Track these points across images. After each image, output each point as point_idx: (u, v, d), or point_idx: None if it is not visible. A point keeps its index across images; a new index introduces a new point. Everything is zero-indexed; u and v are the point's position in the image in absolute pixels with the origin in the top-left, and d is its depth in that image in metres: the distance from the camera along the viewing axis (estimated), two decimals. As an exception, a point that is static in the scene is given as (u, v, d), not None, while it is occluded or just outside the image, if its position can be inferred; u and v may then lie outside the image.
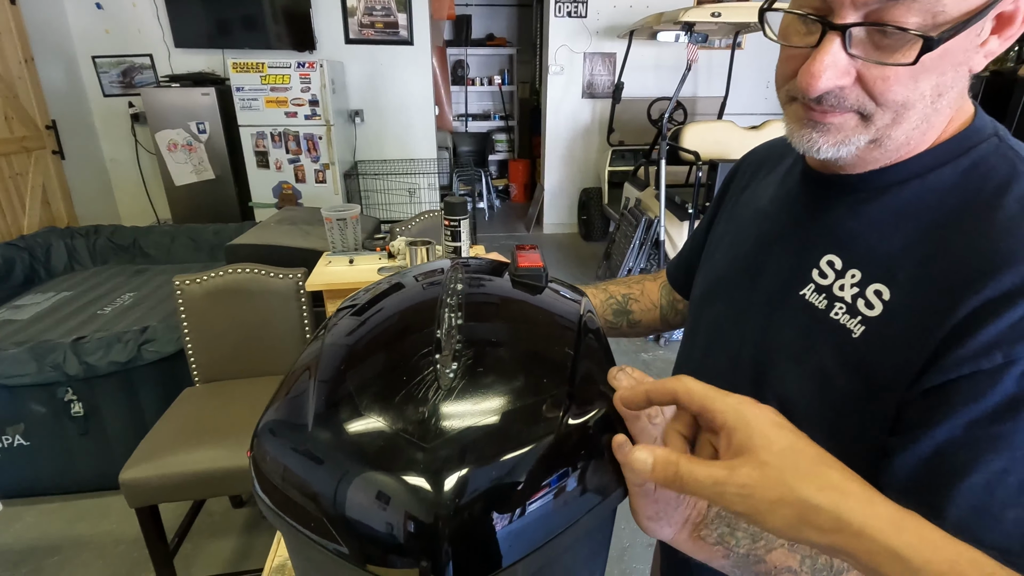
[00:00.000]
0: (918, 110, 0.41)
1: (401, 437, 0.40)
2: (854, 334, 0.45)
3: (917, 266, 0.43)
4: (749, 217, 0.61)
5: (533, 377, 0.46)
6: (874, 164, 0.47)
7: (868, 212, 0.47)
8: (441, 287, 0.56)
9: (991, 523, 0.38)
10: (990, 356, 0.38)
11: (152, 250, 3.17)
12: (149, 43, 3.98)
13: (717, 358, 0.60)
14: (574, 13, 4.56)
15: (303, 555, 0.49)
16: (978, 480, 0.38)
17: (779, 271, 0.53)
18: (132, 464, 1.39)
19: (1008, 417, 0.37)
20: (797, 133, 0.46)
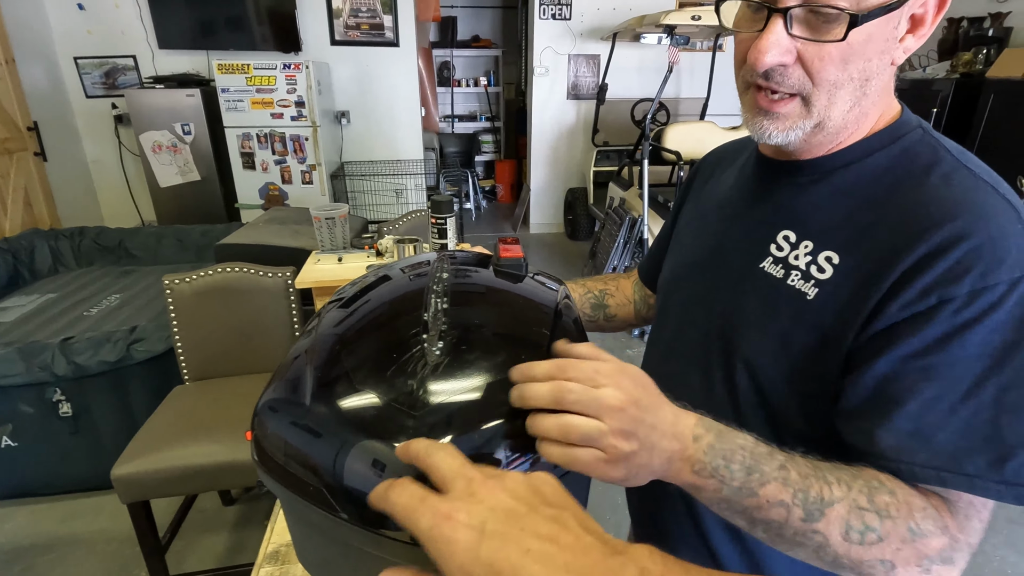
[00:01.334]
0: (848, 91, 0.48)
1: (392, 407, 0.44)
2: (808, 296, 0.51)
3: (861, 233, 0.49)
4: (712, 207, 0.67)
5: (512, 354, 0.50)
6: (820, 150, 0.53)
7: (817, 192, 0.54)
8: (428, 275, 0.60)
9: (923, 445, 0.43)
10: (926, 299, 0.43)
11: (138, 251, 3.17)
12: (132, 44, 3.96)
13: (689, 335, 0.64)
14: (558, 15, 4.62)
15: (303, 521, 0.53)
16: (912, 407, 0.44)
17: (741, 249, 0.59)
18: (124, 460, 1.41)
19: (940, 349, 0.43)
20: (752, 121, 0.52)
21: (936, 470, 0.43)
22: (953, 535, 0.43)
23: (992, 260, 0.42)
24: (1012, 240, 0.43)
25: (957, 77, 3.31)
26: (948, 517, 0.43)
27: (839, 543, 0.42)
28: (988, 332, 0.42)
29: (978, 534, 0.44)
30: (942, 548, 0.42)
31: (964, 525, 0.43)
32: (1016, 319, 0.42)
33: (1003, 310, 0.42)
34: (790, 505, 0.42)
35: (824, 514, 0.42)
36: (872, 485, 0.43)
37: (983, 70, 3.29)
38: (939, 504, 0.44)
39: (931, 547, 0.42)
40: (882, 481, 0.44)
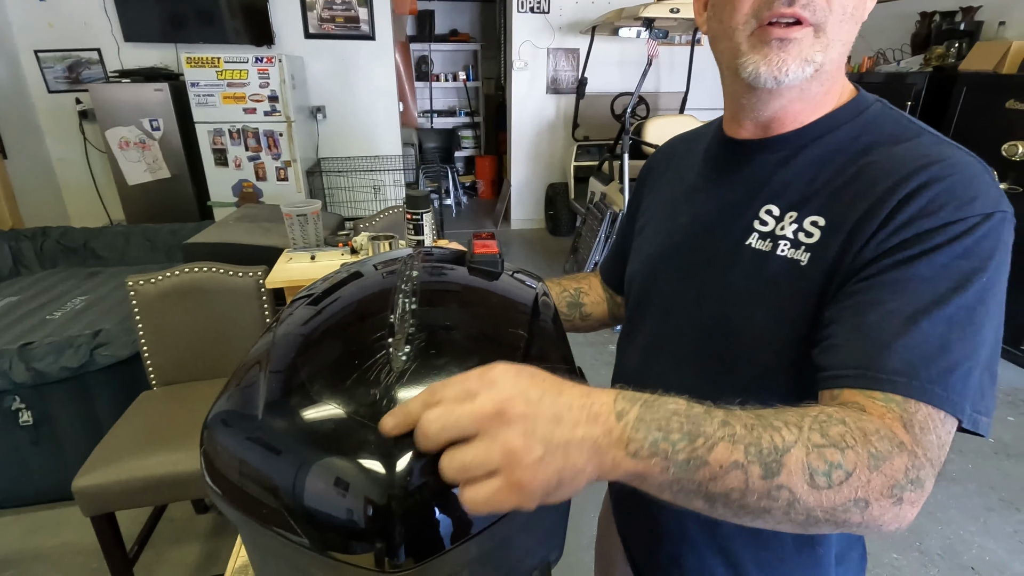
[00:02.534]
0: (847, 30, 0.50)
1: (353, 420, 0.40)
2: (802, 263, 0.51)
3: (841, 192, 0.51)
4: (678, 196, 0.67)
5: (486, 357, 0.46)
6: (791, 123, 0.55)
7: (795, 164, 0.55)
8: (396, 274, 0.56)
9: (882, 352, 0.43)
10: (901, 232, 0.46)
11: (105, 252, 3.05)
12: (97, 37, 3.81)
13: (676, 325, 0.62)
14: (536, 9, 4.57)
15: (259, 546, 0.48)
16: (873, 317, 0.45)
17: (723, 230, 0.58)
18: (86, 471, 1.35)
19: (907, 266, 0.45)
20: (764, 60, 0.50)
21: (890, 375, 0.42)
22: (911, 450, 0.40)
23: (965, 198, 0.45)
24: (982, 182, 0.46)
25: (930, 71, 3.34)
26: (903, 433, 0.40)
27: (807, 492, 0.37)
28: (955, 256, 0.44)
29: (936, 450, 0.41)
30: (906, 467, 0.39)
31: (921, 439, 0.40)
32: (983, 248, 0.44)
33: (972, 238, 0.44)
34: (745, 464, 0.37)
35: (783, 464, 0.37)
36: (821, 419, 0.39)
37: (955, 63, 3.33)
38: (892, 422, 0.41)
39: (896, 468, 0.38)
40: (830, 413, 0.40)
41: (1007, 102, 2.82)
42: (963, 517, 1.89)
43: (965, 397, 0.42)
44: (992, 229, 0.44)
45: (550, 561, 0.52)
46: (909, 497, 0.39)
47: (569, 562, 1.73)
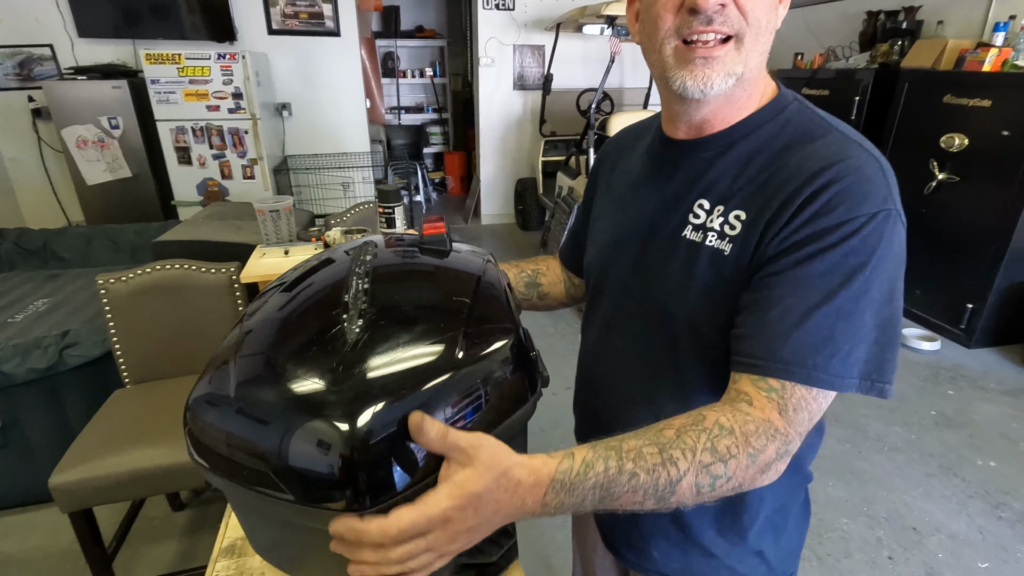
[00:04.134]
0: (763, 40, 0.56)
1: (315, 385, 0.45)
2: (725, 252, 0.58)
3: (759, 189, 0.57)
4: (626, 188, 0.73)
5: (431, 324, 0.52)
6: (719, 124, 0.61)
7: (723, 163, 0.61)
8: (351, 259, 0.61)
9: (780, 345, 0.52)
10: (800, 231, 0.53)
11: (66, 253, 2.98)
12: (49, 32, 3.69)
13: (626, 309, 0.69)
14: (501, 5, 4.62)
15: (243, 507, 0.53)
16: (775, 313, 0.53)
17: (663, 222, 0.65)
18: (63, 468, 1.35)
19: (804, 266, 0.52)
20: (690, 75, 0.56)
21: (787, 365, 0.52)
22: (783, 433, 0.51)
23: (857, 198, 0.51)
24: (874, 184, 0.52)
25: (876, 67, 3.52)
26: (779, 420, 0.51)
27: (694, 498, 0.50)
28: (844, 254, 0.51)
29: (805, 424, 0.53)
30: (777, 449, 0.51)
31: (793, 419, 0.52)
32: (868, 244, 0.51)
33: (858, 237, 0.51)
34: (643, 501, 0.49)
35: (675, 491, 0.49)
36: (713, 435, 0.50)
37: (899, 60, 3.52)
38: (771, 412, 0.52)
39: (768, 455, 0.51)
40: (722, 424, 0.51)
41: (944, 97, 3.00)
42: (906, 484, 2.04)
43: (847, 374, 0.51)
44: (876, 226, 0.51)
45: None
46: (777, 466, 0.52)
47: (546, 540, 1.81)
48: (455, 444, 0.43)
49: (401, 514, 0.42)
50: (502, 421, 0.51)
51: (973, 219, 2.91)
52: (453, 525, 0.43)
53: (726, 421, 0.51)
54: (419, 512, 0.42)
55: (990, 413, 2.45)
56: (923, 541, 1.79)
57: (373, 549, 0.42)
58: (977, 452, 2.20)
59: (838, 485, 2.03)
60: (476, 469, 0.43)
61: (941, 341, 3.03)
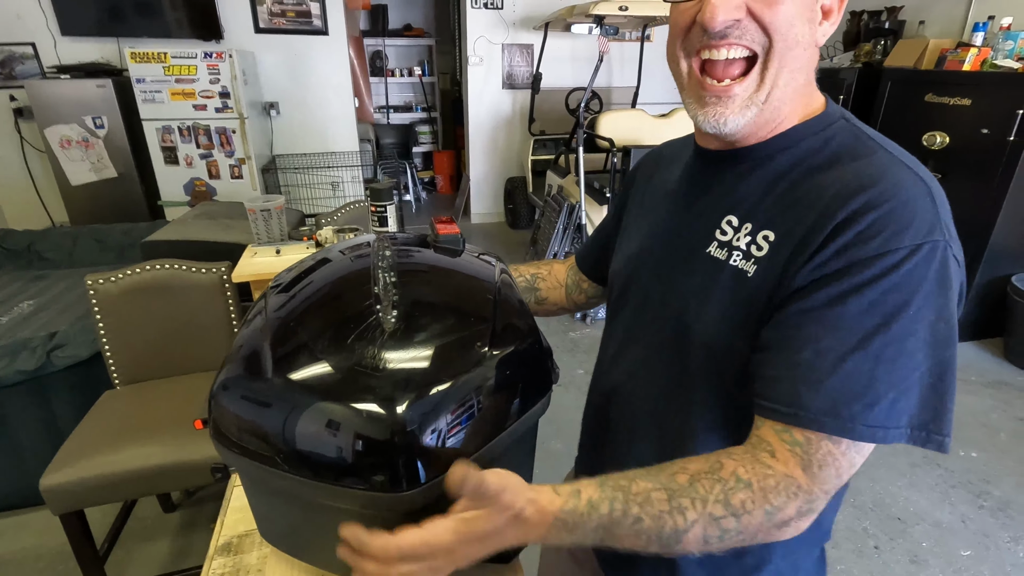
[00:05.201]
0: (795, 55, 0.51)
1: (356, 370, 0.46)
2: (749, 274, 0.54)
3: (791, 209, 0.53)
4: (660, 199, 0.70)
5: (462, 319, 0.53)
6: (758, 136, 0.57)
7: (756, 177, 0.57)
8: (371, 254, 0.62)
9: (812, 392, 0.47)
10: (837, 260, 0.48)
11: (51, 254, 2.94)
12: (31, 30, 3.64)
13: (646, 319, 0.66)
14: (490, 4, 4.63)
15: (268, 492, 0.54)
16: (807, 355, 0.48)
17: (690, 236, 0.62)
18: (54, 469, 1.34)
19: (840, 304, 0.47)
20: (702, 112, 0.54)
21: (816, 415, 0.47)
22: (807, 490, 0.48)
23: (898, 227, 0.46)
24: (918, 210, 0.47)
25: (860, 66, 3.58)
26: (801, 476, 0.48)
27: (700, 548, 0.48)
28: (883, 292, 0.46)
29: (832, 481, 0.48)
30: (799, 508, 0.48)
31: (818, 475, 0.48)
32: (910, 281, 0.46)
33: (899, 272, 0.46)
34: (645, 545, 0.48)
35: (681, 540, 0.47)
36: (729, 487, 0.48)
37: (882, 59, 3.58)
38: (794, 468, 0.48)
39: (787, 513, 0.48)
40: (740, 476, 0.48)
41: (926, 95, 3.06)
42: (891, 474, 2.08)
43: (893, 424, 0.47)
44: (921, 261, 0.46)
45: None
46: (798, 524, 0.49)
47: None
48: (486, 492, 0.43)
49: (405, 536, 0.43)
50: (522, 414, 0.52)
51: (954, 215, 2.95)
52: (455, 555, 0.44)
53: (744, 473, 0.48)
54: (422, 539, 0.43)
55: (972, 404, 2.51)
56: (908, 530, 1.83)
57: (376, 564, 0.43)
58: (959, 443, 2.25)
59: (825, 477, 2.07)
60: (491, 511, 0.44)
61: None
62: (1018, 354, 2.83)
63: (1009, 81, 2.67)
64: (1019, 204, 2.75)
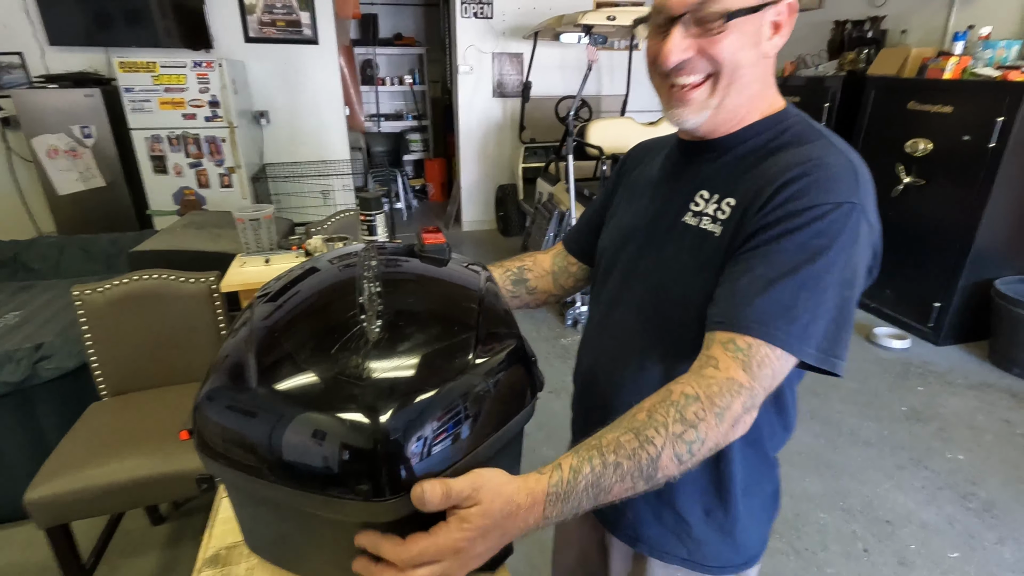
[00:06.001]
0: (741, 73, 0.63)
1: (340, 380, 0.47)
2: (716, 234, 0.65)
3: (748, 182, 0.64)
4: (645, 186, 0.82)
5: (446, 328, 0.54)
6: (723, 131, 0.69)
7: (723, 161, 0.69)
8: (357, 264, 0.63)
9: (746, 306, 0.57)
10: (773, 213, 0.59)
11: (37, 264, 2.91)
12: (18, 40, 3.62)
13: (633, 286, 0.76)
14: (480, 14, 4.66)
15: (255, 503, 0.54)
16: (744, 281, 0.59)
17: (669, 209, 0.73)
18: (39, 482, 1.33)
19: (774, 242, 0.58)
20: (670, 112, 0.68)
21: (754, 324, 0.56)
22: (748, 387, 0.56)
23: (825, 189, 0.58)
24: (842, 180, 0.59)
25: (844, 75, 3.64)
26: (743, 376, 0.56)
27: (678, 468, 0.54)
28: (811, 235, 0.57)
29: (768, 380, 0.57)
30: (743, 404, 0.55)
31: (758, 374, 0.56)
32: (833, 229, 0.57)
33: (824, 221, 0.57)
34: (633, 485, 0.53)
35: (658, 467, 0.53)
36: (680, 405, 0.55)
37: (865, 68, 3.64)
38: (735, 370, 0.56)
39: (734, 410, 0.55)
40: (687, 393, 0.55)
41: (908, 103, 3.12)
42: (879, 476, 2.10)
43: (806, 342, 0.56)
44: (841, 215, 0.57)
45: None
46: (745, 419, 0.56)
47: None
48: (459, 495, 0.46)
49: (416, 540, 0.46)
50: (507, 421, 0.53)
51: (938, 221, 3.01)
52: (463, 554, 0.47)
53: (691, 389, 0.55)
54: (431, 542, 0.46)
55: (957, 407, 2.54)
56: (896, 532, 1.85)
57: (393, 571, 0.46)
58: (945, 444, 2.28)
59: (814, 480, 2.08)
60: (481, 506, 0.47)
61: (911, 339, 3.13)
62: (1002, 356, 2.88)
63: (989, 89, 2.73)
64: (1000, 209, 2.80)
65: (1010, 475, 2.10)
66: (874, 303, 3.47)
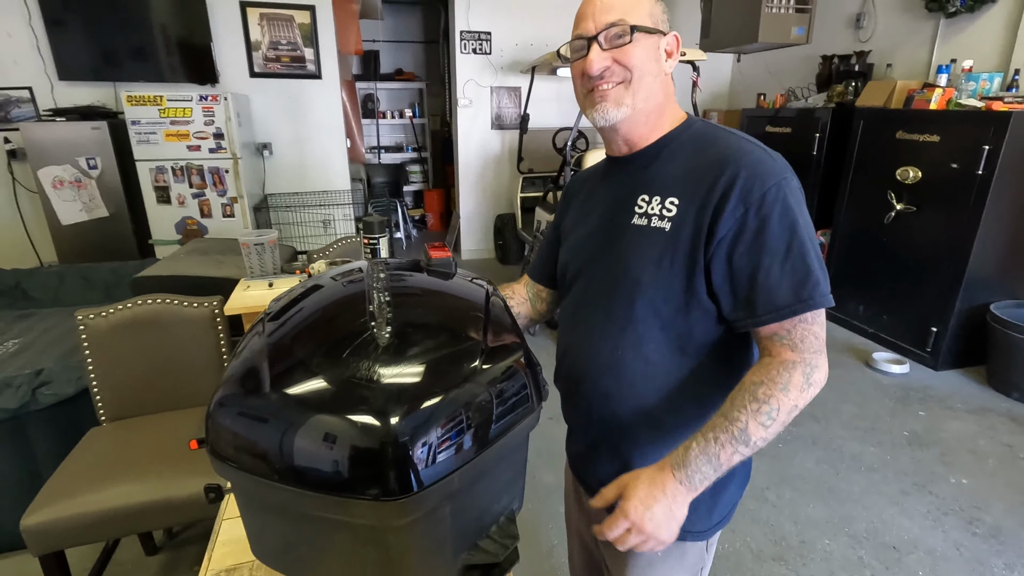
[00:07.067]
0: (648, 80, 0.77)
1: (352, 383, 0.48)
2: (666, 230, 0.76)
3: (684, 182, 0.77)
4: (589, 205, 0.93)
5: (453, 335, 0.56)
6: (643, 143, 0.82)
7: (652, 168, 0.82)
8: (366, 277, 0.64)
9: (774, 297, 0.71)
10: (735, 211, 0.71)
11: (37, 293, 2.92)
12: (28, 75, 3.71)
13: (593, 286, 0.86)
14: (478, 50, 4.81)
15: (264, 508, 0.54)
16: (760, 277, 0.71)
17: (617, 216, 0.84)
18: (35, 508, 1.31)
19: (760, 235, 0.70)
20: (592, 110, 0.79)
21: (787, 307, 0.70)
22: (801, 360, 0.71)
23: (761, 177, 0.71)
24: (767, 164, 0.72)
25: (833, 106, 3.74)
26: (791, 355, 0.72)
27: (767, 432, 0.70)
28: (780, 214, 0.70)
29: (815, 344, 0.72)
30: (803, 373, 0.71)
31: (802, 347, 0.72)
32: (790, 202, 0.70)
33: (780, 200, 0.70)
34: (736, 450, 0.71)
35: (749, 435, 0.70)
36: (751, 390, 0.72)
37: (853, 99, 3.75)
38: (785, 353, 0.72)
39: (795, 381, 0.70)
40: (754, 380, 0.72)
41: (897, 133, 3.20)
42: (883, 501, 2.08)
43: (825, 293, 0.70)
44: (782, 189, 0.70)
45: (513, 509, 0.61)
46: (813, 379, 0.72)
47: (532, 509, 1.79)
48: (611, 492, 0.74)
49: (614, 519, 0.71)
50: (512, 428, 0.54)
51: (931, 246, 3.06)
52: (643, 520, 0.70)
53: (756, 377, 0.72)
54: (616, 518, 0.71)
55: (958, 431, 2.53)
56: (902, 559, 1.82)
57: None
58: (948, 469, 2.26)
59: (818, 506, 2.06)
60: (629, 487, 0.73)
61: (910, 364, 3.14)
62: (1001, 380, 2.88)
63: (974, 118, 2.81)
64: (992, 234, 2.85)
65: (1015, 500, 2.08)
66: (872, 328, 3.49)
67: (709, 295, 0.76)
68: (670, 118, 0.82)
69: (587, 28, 0.76)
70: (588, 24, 0.76)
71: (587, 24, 0.76)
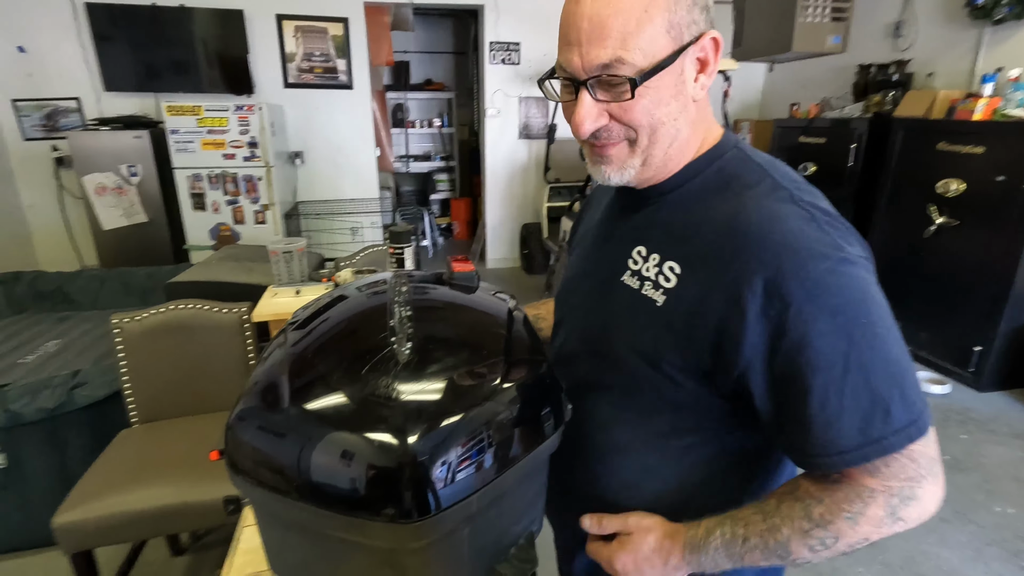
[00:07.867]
0: (662, 131, 0.58)
1: (370, 400, 0.47)
2: (658, 303, 0.59)
3: (692, 243, 0.58)
4: (590, 232, 0.79)
5: (474, 352, 0.55)
6: (653, 181, 0.63)
7: (658, 212, 0.64)
8: (388, 290, 0.64)
9: (836, 434, 0.51)
10: (776, 319, 0.51)
11: (78, 296, 3.04)
12: (76, 86, 3.89)
13: (572, 342, 0.73)
14: (507, 60, 4.84)
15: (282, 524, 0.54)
16: (814, 403, 0.50)
17: (607, 264, 0.69)
18: (68, 507, 1.34)
19: (806, 347, 0.50)
20: (592, 168, 0.62)
21: (855, 449, 0.50)
22: (884, 487, 0.52)
23: (806, 266, 0.50)
24: (811, 240, 0.51)
25: (870, 116, 3.64)
26: (872, 481, 0.52)
27: (814, 555, 0.55)
28: (831, 315, 0.49)
29: (907, 470, 0.51)
30: (887, 503, 0.52)
31: (887, 474, 0.51)
32: (846, 297, 0.50)
33: (833, 297, 0.50)
34: (765, 559, 0.56)
35: (789, 551, 0.55)
36: (806, 503, 0.55)
37: (891, 109, 3.64)
38: (862, 478, 0.52)
39: (873, 513, 0.52)
40: (812, 494, 0.55)
41: (938, 144, 3.09)
42: (921, 529, 1.99)
43: (916, 413, 0.50)
44: (838, 278, 0.50)
45: (533, 531, 0.59)
46: (904, 514, 0.52)
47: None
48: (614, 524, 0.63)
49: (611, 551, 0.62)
50: (532, 449, 0.53)
51: (974, 262, 2.93)
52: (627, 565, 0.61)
53: (816, 491, 0.55)
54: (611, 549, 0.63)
55: (1002, 456, 2.41)
56: (942, 591, 1.73)
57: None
58: (991, 497, 2.15)
59: (852, 531, 1.98)
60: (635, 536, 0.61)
61: (951, 384, 3.01)
62: (1050, 405, 2.73)
63: (1021, 130, 2.70)
64: (1039, 251, 2.72)
65: (1066, 532, 1.96)
66: (910, 346, 3.30)
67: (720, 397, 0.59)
68: (695, 145, 0.62)
69: (573, 64, 0.55)
70: (573, 58, 0.54)
71: (572, 57, 0.54)
